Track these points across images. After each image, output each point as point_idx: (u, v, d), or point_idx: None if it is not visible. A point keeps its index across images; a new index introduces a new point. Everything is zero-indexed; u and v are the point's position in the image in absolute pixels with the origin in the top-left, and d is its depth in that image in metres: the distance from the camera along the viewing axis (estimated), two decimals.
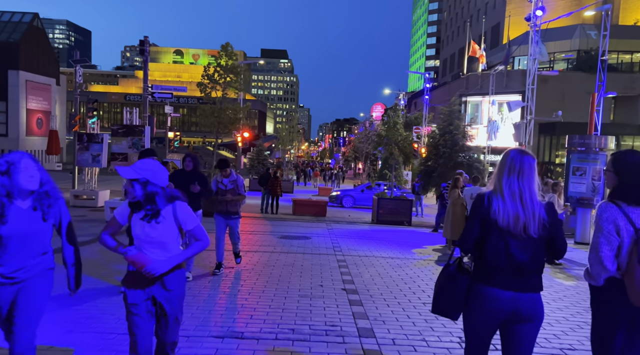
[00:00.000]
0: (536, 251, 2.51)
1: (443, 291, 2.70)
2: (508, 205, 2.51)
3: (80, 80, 18.46)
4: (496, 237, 2.50)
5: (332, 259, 8.46)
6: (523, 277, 2.49)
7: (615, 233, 2.56)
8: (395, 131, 15.64)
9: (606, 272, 2.57)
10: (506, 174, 2.59)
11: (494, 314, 2.52)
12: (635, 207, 2.58)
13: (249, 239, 10.48)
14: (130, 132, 12.57)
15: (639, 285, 2.46)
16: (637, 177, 2.61)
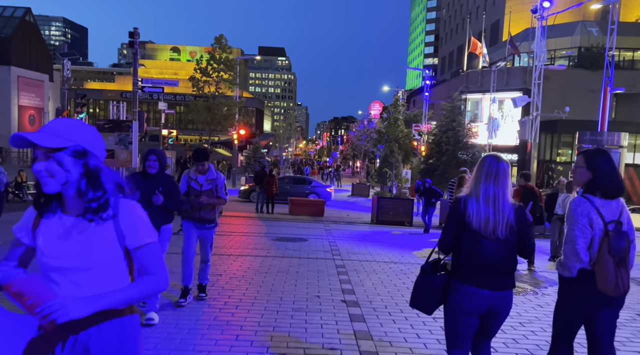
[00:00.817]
0: (508, 252, 2.67)
1: (418, 286, 2.90)
2: (482, 209, 2.65)
3: (68, 74, 17.76)
4: (471, 238, 2.65)
5: (331, 265, 7.80)
6: (497, 277, 2.65)
7: (589, 226, 2.75)
8: (396, 128, 14.98)
9: (581, 263, 2.77)
10: (483, 179, 2.72)
11: (471, 310, 2.68)
12: (605, 201, 2.80)
13: (241, 242, 9.81)
14: (116, 128, 11.88)
15: (609, 275, 2.68)
16: (608, 173, 2.81)
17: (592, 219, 2.77)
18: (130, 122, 12.01)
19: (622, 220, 2.82)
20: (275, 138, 51.78)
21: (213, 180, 5.32)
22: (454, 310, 2.76)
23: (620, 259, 2.75)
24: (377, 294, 5.99)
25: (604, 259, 2.72)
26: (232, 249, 8.91)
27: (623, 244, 2.75)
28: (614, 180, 2.84)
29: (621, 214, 2.84)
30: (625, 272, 2.77)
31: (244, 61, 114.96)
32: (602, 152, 2.97)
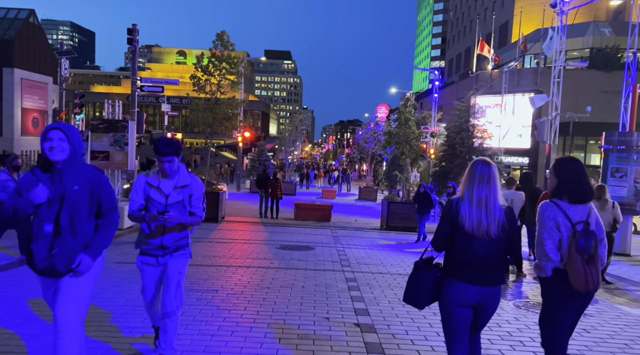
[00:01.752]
0: (498, 250, 2.83)
1: (411, 282, 3.03)
2: (474, 212, 2.79)
3: (66, 73, 17.16)
4: (463, 238, 2.80)
5: (340, 278, 7.02)
6: (487, 273, 2.80)
7: (556, 229, 2.98)
8: (407, 128, 14.18)
9: (552, 263, 2.99)
10: (476, 183, 2.85)
11: (462, 303, 2.83)
12: (571, 205, 3.03)
13: (242, 250, 9.05)
14: (111, 128, 11.19)
15: (578, 272, 2.92)
16: (572, 179, 3.05)
17: (558, 222, 3.00)
18: (126, 122, 11.31)
19: (590, 221, 3.04)
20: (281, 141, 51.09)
21: (185, 187, 3.55)
22: (447, 304, 2.90)
23: (589, 257, 2.96)
24: (395, 315, 5.20)
25: (573, 258, 2.94)
26: (232, 259, 8.15)
27: (591, 243, 2.95)
28: (578, 187, 3.06)
29: (589, 215, 3.06)
30: (595, 269, 2.97)
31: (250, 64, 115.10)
32: (570, 160, 3.22)
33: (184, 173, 3.60)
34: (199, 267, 7.25)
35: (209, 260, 7.93)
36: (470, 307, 2.88)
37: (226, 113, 14.47)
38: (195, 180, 3.65)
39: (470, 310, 2.89)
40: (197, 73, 14.37)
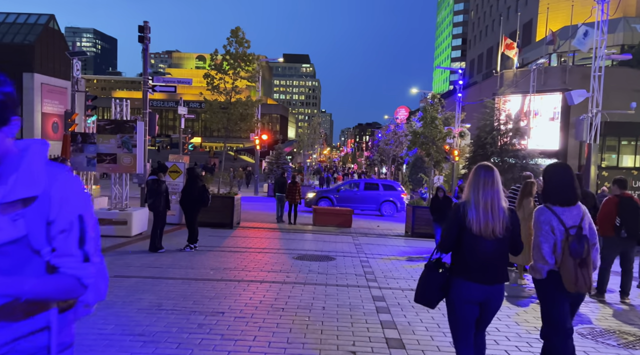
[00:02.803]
0: (502, 249, 2.99)
1: (422, 283, 3.15)
2: (481, 216, 2.92)
3: (78, 74, 16.69)
4: (470, 240, 2.94)
5: (366, 295, 6.12)
6: (493, 271, 2.95)
7: (551, 232, 3.17)
8: (433, 128, 13.19)
9: (548, 266, 3.18)
10: (481, 187, 2.98)
11: (471, 302, 2.98)
12: (563, 208, 3.20)
13: (256, 261, 8.22)
14: (119, 129, 10.53)
15: (570, 274, 3.08)
16: (560, 183, 3.25)
17: (553, 226, 3.17)
18: (135, 123, 10.64)
19: (583, 226, 3.19)
20: (299, 144, 50.39)
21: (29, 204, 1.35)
22: (455, 302, 3.00)
23: (581, 260, 3.10)
24: (437, 349, 4.28)
25: (566, 260, 3.11)
26: (244, 271, 7.33)
27: (583, 247, 3.10)
28: (561, 191, 3.22)
29: (582, 219, 3.20)
30: (586, 271, 3.12)
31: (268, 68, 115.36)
32: (556, 165, 3.44)
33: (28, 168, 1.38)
34: (206, 283, 6.45)
35: (218, 273, 7.12)
36: (476, 304, 3.01)
37: (241, 113, 13.72)
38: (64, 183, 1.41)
39: (477, 307, 3.02)
40: (210, 72, 13.67)
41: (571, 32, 34.15)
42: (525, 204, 7.22)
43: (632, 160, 33.73)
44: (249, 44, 13.80)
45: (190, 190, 9.17)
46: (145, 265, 7.44)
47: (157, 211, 8.76)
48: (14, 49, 38.82)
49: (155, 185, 8.79)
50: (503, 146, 13.44)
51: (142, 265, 7.42)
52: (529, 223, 7.15)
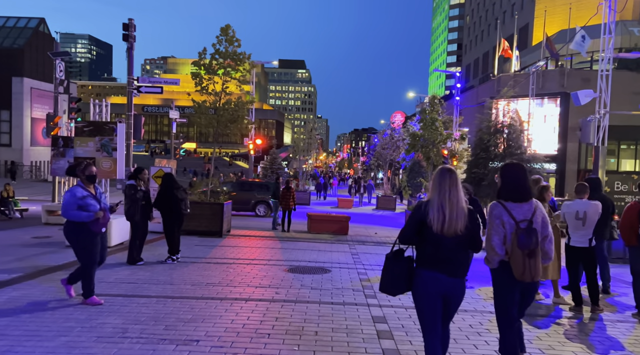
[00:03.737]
0: (462, 245, 3.17)
1: (385, 273, 3.36)
2: (441, 215, 3.11)
3: (61, 76, 15.95)
4: (432, 236, 3.13)
5: (365, 316, 5.40)
6: (454, 266, 3.16)
7: (501, 226, 3.43)
8: (433, 130, 12.52)
9: (498, 256, 3.45)
10: (445, 188, 3.17)
11: (435, 292, 3.16)
12: (514, 204, 3.47)
13: (243, 275, 7.48)
14: (98, 131, 9.81)
15: (518, 264, 3.35)
16: (512, 181, 3.54)
17: (503, 220, 3.44)
18: (115, 124, 9.90)
19: (535, 220, 3.45)
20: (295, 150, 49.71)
21: None
22: (420, 293, 3.21)
23: (530, 251, 3.35)
24: None
25: (514, 252, 3.36)
26: (228, 287, 6.58)
27: (532, 239, 3.35)
28: (516, 188, 3.51)
29: (534, 214, 3.46)
30: (534, 262, 3.36)
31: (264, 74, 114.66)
32: (512, 164, 3.73)
33: None
34: (184, 302, 5.70)
35: (199, 290, 6.37)
36: (440, 296, 3.17)
37: (231, 115, 13.01)
38: None
39: (441, 299, 3.18)
40: (199, 71, 12.97)
41: (569, 35, 33.78)
42: None
43: (631, 164, 33.21)
44: (239, 42, 13.12)
45: (164, 197, 8.40)
46: (118, 281, 6.68)
47: (133, 220, 7.98)
48: (3, 53, 37.99)
49: (132, 191, 8.02)
50: (507, 149, 12.77)
51: (115, 281, 6.66)
52: None
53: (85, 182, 5.52)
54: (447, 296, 3.19)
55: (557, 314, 5.86)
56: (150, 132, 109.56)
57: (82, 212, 5.32)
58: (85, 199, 5.36)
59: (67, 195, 5.32)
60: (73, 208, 5.29)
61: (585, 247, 5.90)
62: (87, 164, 5.59)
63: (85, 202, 5.35)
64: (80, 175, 5.51)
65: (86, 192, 5.43)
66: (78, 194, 5.35)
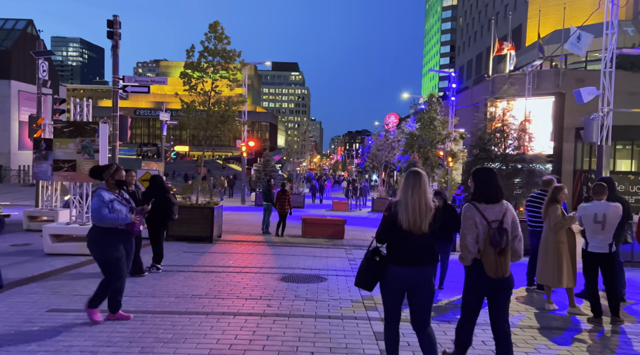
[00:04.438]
0: (428, 241, 3.47)
1: (362, 270, 3.63)
2: (410, 214, 3.40)
3: (45, 76, 15.35)
4: (401, 233, 3.42)
5: (366, 332, 4.88)
6: (420, 259, 3.43)
7: (474, 226, 3.70)
8: (431, 130, 12.04)
9: (471, 255, 3.72)
10: (410, 189, 3.47)
11: (402, 284, 3.47)
12: (486, 205, 3.73)
13: (232, 285, 6.93)
14: (78, 132, 9.23)
15: (490, 262, 3.62)
16: (484, 184, 3.79)
17: (476, 221, 3.70)
18: (97, 125, 9.33)
19: (505, 221, 3.70)
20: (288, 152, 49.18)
21: None
22: (388, 286, 3.51)
23: (500, 250, 3.61)
24: None
25: (486, 250, 3.62)
26: (216, 299, 6.04)
27: (502, 238, 3.60)
28: (487, 190, 3.77)
29: (504, 215, 3.71)
30: (504, 259, 3.63)
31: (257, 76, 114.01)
32: (483, 169, 4.01)
33: None
34: (165, 318, 5.14)
35: (183, 303, 5.81)
36: (405, 287, 3.49)
37: (221, 116, 12.47)
38: None
39: (405, 291, 3.51)
40: (187, 70, 12.42)
41: (564, 35, 33.54)
42: (551, 212, 6.03)
43: (627, 164, 32.97)
44: (229, 40, 12.59)
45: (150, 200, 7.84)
46: None
47: None
48: None
49: None
50: (507, 149, 12.32)
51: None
52: (557, 236, 5.97)
53: (112, 187, 5.06)
54: (415, 287, 3.46)
55: (576, 327, 5.36)
56: (142, 135, 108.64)
57: (120, 214, 4.89)
58: (113, 202, 4.92)
59: (96, 200, 4.87)
60: (106, 211, 4.83)
61: (605, 253, 5.42)
62: (117, 167, 5.12)
63: (113, 206, 4.90)
64: (108, 180, 5.04)
65: (113, 195, 4.98)
66: (106, 198, 4.88)
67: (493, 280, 3.62)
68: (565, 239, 6.00)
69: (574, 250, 6.07)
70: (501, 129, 12.15)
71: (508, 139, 12.37)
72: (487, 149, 12.20)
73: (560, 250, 5.98)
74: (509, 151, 12.67)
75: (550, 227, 6.05)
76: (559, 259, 5.97)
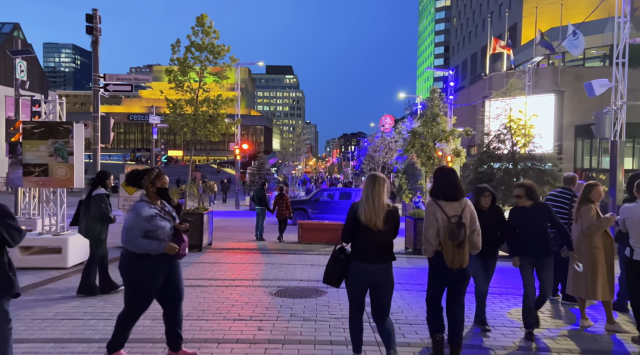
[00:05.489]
0: (386, 238, 3.81)
1: (329, 268, 3.94)
2: (367, 211, 3.74)
3: (22, 76, 14.48)
4: (363, 230, 3.75)
5: None
6: (380, 255, 3.78)
7: (435, 221, 3.99)
8: (435, 126, 11.28)
9: (433, 247, 4.03)
10: (370, 189, 3.80)
11: (364, 279, 3.79)
12: (446, 202, 4.03)
13: (221, 301, 6.09)
14: (50, 133, 8.39)
15: (449, 254, 3.94)
16: (442, 182, 4.13)
17: (437, 216, 3.99)
18: (70, 124, 8.47)
19: (464, 216, 3.99)
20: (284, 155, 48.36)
21: None
22: (351, 280, 3.83)
23: (459, 243, 3.92)
24: None
25: (446, 243, 3.92)
26: (199, 321, 5.20)
27: (460, 232, 3.89)
28: (446, 188, 4.08)
29: (463, 211, 4.01)
30: (462, 251, 3.94)
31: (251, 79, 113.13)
32: (443, 168, 4.36)
33: None
34: (134, 348, 4.31)
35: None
36: (367, 283, 3.80)
37: (210, 115, 11.65)
38: None
39: (367, 286, 3.83)
40: (172, 67, 11.60)
41: (561, 33, 33.00)
42: (584, 213, 5.24)
43: (629, 162, 32.38)
44: (217, 34, 11.78)
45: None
46: (58, 316, 5.27)
47: (99, 239, 6.56)
48: None
49: (103, 204, 6.59)
50: (514, 147, 11.58)
51: (53, 317, 5.24)
52: (592, 241, 5.17)
53: (153, 197, 3.96)
54: (376, 283, 3.77)
55: (621, 349, 4.57)
56: (136, 140, 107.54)
57: (152, 242, 3.79)
58: (154, 219, 3.83)
59: (131, 216, 3.84)
60: (138, 233, 3.77)
61: None
62: (158, 172, 4.01)
63: (154, 224, 3.82)
64: (148, 188, 3.95)
65: (154, 209, 3.89)
66: (144, 213, 3.81)
67: (453, 270, 3.94)
68: (601, 244, 5.21)
69: (612, 256, 5.28)
70: (508, 125, 11.39)
71: (516, 135, 11.61)
72: (492, 148, 11.44)
73: (595, 257, 5.19)
74: (517, 149, 11.90)
75: (582, 231, 5.26)
76: (594, 267, 5.18)
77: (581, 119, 30.84)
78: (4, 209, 3.46)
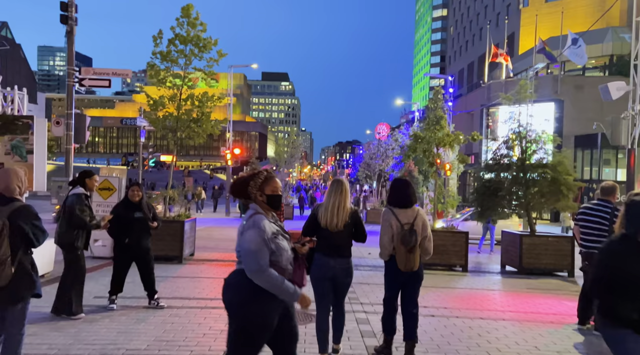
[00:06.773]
0: (346, 236, 4.20)
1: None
2: (328, 214, 4.13)
3: None
4: (322, 230, 4.12)
5: None
6: (339, 252, 4.18)
7: (390, 227, 4.34)
8: (438, 130, 10.37)
9: (387, 251, 4.38)
10: (333, 193, 4.17)
11: (325, 272, 4.15)
12: (400, 210, 4.40)
13: (194, 327, 5.07)
14: (7, 128, 7.39)
15: (401, 258, 4.29)
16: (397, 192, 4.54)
17: (391, 223, 4.35)
18: (30, 119, 7.48)
19: (416, 223, 4.34)
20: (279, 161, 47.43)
21: None
22: (315, 274, 4.11)
23: (411, 247, 4.25)
24: None
25: (399, 248, 4.28)
26: (164, 351, 4.19)
27: (412, 238, 4.24)
28: (400, 197, 4.47)
29: (415, 218, 4.36)
30: (413, 256, 4.28)
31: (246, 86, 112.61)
32: (398, 179, 4.79)
33: None
34: None
35: None
36: (328, 275, 4.15)
37: (195, 113, 10.69)
38: None
39: (329, 280, 4.16)
40: (153, 61, 10.64)
41: (561, 42, 32.39)
42: None
43: (623, 173, 31.66)
44: (204, 27, 10.84)
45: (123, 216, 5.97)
46: None
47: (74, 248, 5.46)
48: None
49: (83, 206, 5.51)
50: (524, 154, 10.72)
51: None
52: None
53: (266, 209, 2.92)
54: (335, 275, 4.17)
55: None
56: (129, 145, 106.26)
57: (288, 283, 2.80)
58: (277, 238, 2.82)
59: (253, 234, 2.75)
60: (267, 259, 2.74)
61: None
62: (267, 176, 2.95)
63: (277, 244, 2.81)
64: (257, 197, 2.91)
65: (274, 226, 2.88)
66: (269, 230, 2.79)
67: (405, 273, 4.31)
68: None
69: None
70: (517, 134, 10.54)
71: (526, 140, 10.74)
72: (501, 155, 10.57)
73: None
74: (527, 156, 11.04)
75: None
76: None
77: (581, 129, 30.18)
78: (31, 209, 3.47)
